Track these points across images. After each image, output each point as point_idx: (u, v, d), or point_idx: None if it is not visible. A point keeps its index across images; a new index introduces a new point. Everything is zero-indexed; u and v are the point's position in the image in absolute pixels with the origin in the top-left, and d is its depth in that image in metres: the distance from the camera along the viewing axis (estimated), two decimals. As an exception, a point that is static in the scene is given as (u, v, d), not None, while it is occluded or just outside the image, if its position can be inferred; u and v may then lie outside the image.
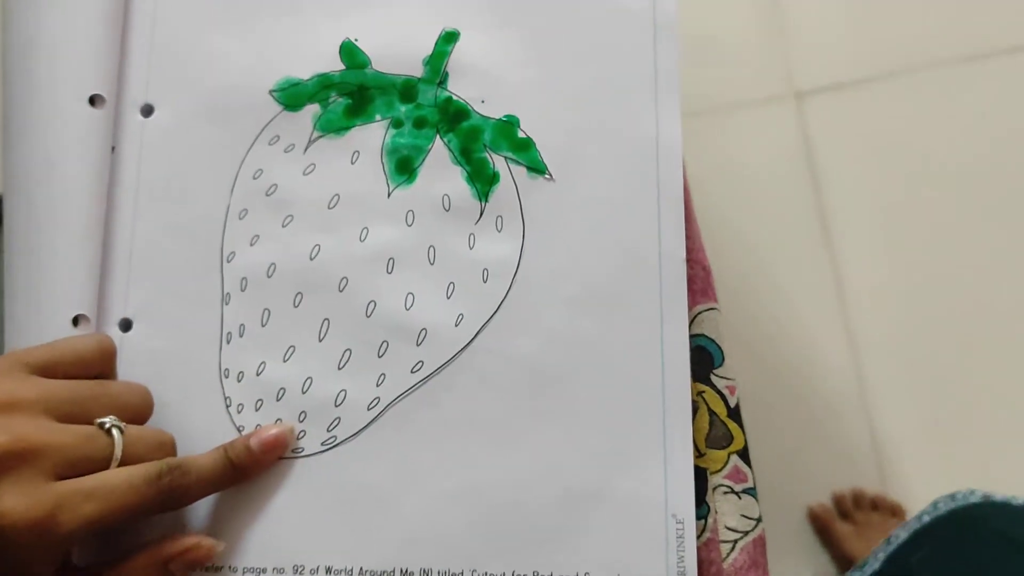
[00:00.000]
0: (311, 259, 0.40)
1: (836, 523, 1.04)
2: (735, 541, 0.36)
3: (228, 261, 0.40)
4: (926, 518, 0.59)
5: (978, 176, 1.07)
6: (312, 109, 0.41)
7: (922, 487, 1.03)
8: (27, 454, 0.29)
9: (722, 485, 0.36)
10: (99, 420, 0.33)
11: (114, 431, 0.32)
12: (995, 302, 1.05)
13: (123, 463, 0.32)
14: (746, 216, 1.06)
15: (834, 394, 1.06)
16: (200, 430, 0.39)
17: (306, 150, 0.41)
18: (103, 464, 0.32)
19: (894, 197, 1.08)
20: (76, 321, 0.39)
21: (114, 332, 0.40)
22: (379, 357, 0.38)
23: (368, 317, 0.39)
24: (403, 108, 0.41)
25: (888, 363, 1.06)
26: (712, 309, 0.38)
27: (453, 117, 0.40)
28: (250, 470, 0.36)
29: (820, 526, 1.05)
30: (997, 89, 1.08)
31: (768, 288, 1.05)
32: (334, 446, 0.38)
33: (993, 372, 1.04)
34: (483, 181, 0.40)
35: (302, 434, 0.38)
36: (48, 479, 0.30)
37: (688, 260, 0.37)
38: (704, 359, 0.37)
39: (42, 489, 0.29)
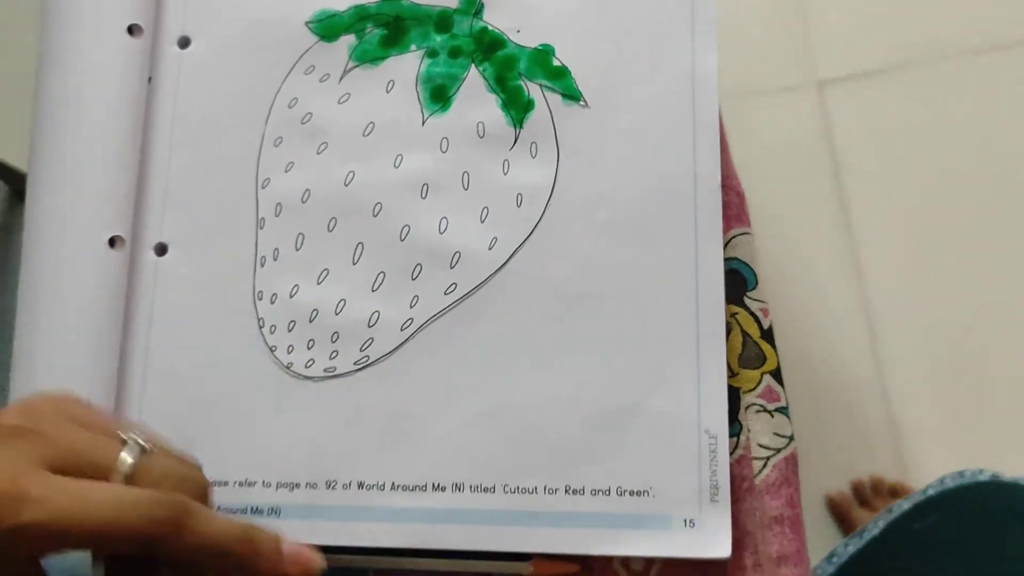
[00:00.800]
0: (345, 185, 0.40)
1: (855, 510, 1.04)
2: (767, 458, 0.35)
3: (263, 187, 0.41)
4: (931, 491, 0.59)
5: (1000, 165, 1.07)
6: (348, 40, 0.42)
7: (940, 473, 1.03)
8: (28, 434, 0.26)
9: (755, 404, 0.36)
10: (124, 434, 0.28)
11: (130, 443, 0.28)
12: (1016, 290, 1.04)
13: (132, 484, 0.27)
14: (766, 203, 1.06)
15: (852, 380, 1.06)
16: (233, 350, 0.39)
17: (341, 80, 0.41)
18: (104, 474, 0.27)
19: (915, 185, 1.08)
20: (112, 242, 0.40)
21: (149, 256, 0.41)
22: (412, 279, 0.39)
23: (402, 241, 0.39)
24: (438, 38, 0.41)
25: (907, 349, 1.05)
26: (746, 233, 0.38)
27: (488, 47, 0.41)
28: (260, 564, 0.29)
29: (839, 513, 1.04)
30: (1022, 79, 1.08)
31: (787, 274, 1.05)
32: (366, 366, 0.38)
33: (1014, 359, 1.03)
34: (518, 108, 0.40)
35: (335, 354, 0.38)
36: (37, 464, 0.26)
37: (722, 186, 0.38)
38: (738, 282, 0.37)
39: (21, 467, 0.25)
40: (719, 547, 0.34)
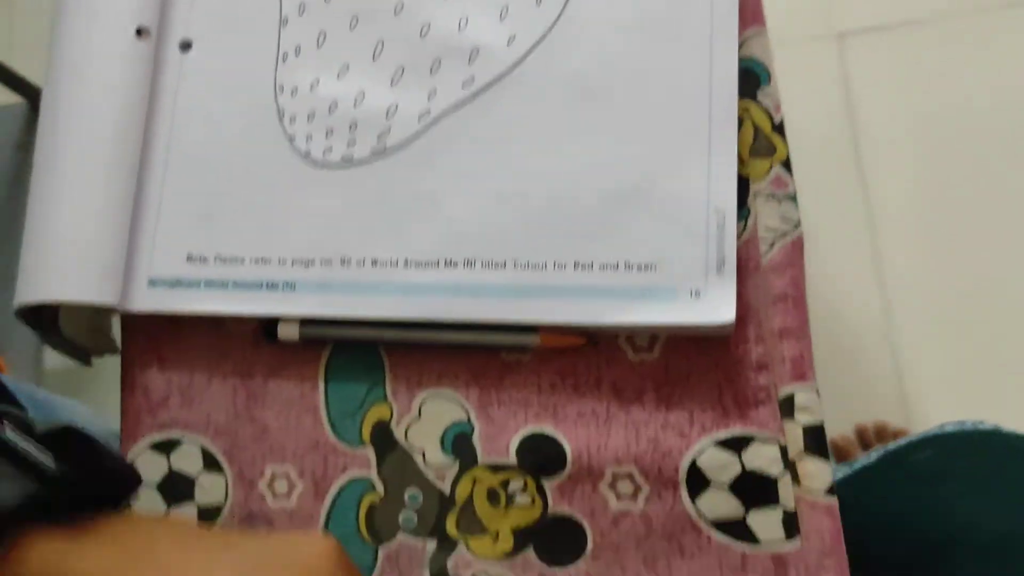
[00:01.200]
0: (367, -15, 0.41)
1: (858, 455, 1.04)
2: (773, 241, 0.36)
3: (287, -14, 0.42)
4: (931, 434, 0.58)
5: (1017, 122, 1.07)
6: None
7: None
8: None
9: (763, 191, 0.37)
10: None
11: None
12: (1013, 237, 1.04)
13: None
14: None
15: (861, 328, 1.06)
16: (253, 139, 0.40)
17: None
18: None
19: (931, 140, 1.07)
20: (139, 32, 0.41)
21: (173, 52, 0.42)
22: (431, 74, 0.39)
23: (422, 38, 0.40)
24: None
25: (916, 300, 1.05)
26: (761, 34, 0.39)
27: None
28: None
29: (842, 457, 1.04)
30: None
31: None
32: (383, 154, 0.39)
33: (1021, 315, 1.03)
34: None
35: (352, 143, 0.39)
36: None
37: None
38: (751, 79, 0.38)
39: None
40: (723, 314, 0.34)
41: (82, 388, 1.13)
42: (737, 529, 0.34)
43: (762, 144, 0.37)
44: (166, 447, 0.40)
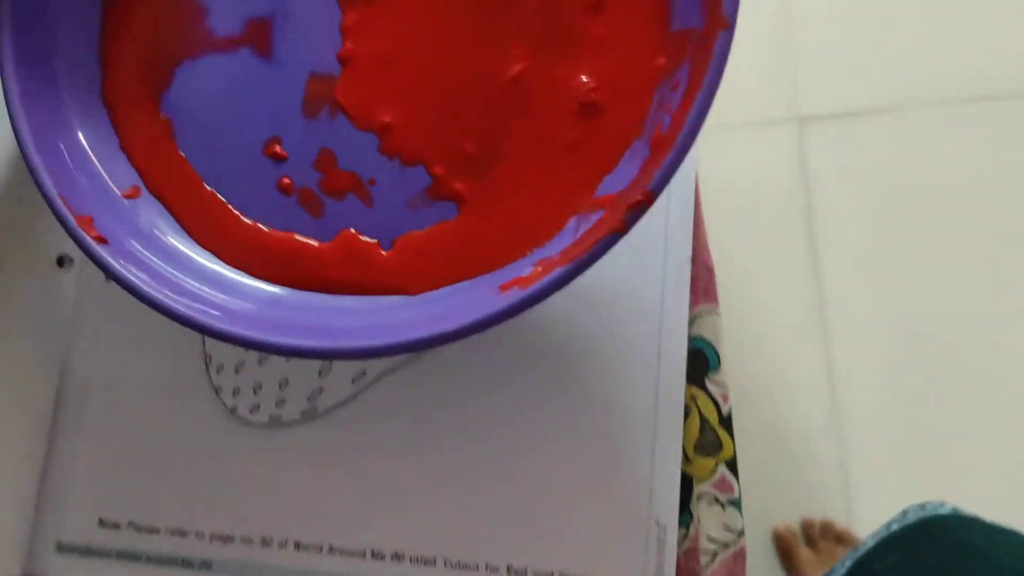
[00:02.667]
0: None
1: (800, 548, 1.04)
2: (715, 552, 0.35)
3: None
4: (895, 526, 0.59)
5: (969, 216, 1.07)
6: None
7: (883, 519, 1.04)
8: None
9: (707, 494, 0.35)
10: None
11: None
12: (976, 338, 1.05)
13: None
14: (736, 234, 1.05)
15: (809, 417, 1.06)
16: (176, 386, 0.38)
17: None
18: None
19: (884, 229, 1.08)
20: (61, 261, 0.38)
21: (99, 277, 0.39)
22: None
23: None
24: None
25: (864, 390, 1.06)
26: (712, 311, 0.37)
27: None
28: None
29: (783, 547, 1.04)
30: (1001, 132, 1.08)
31: (751, 307, 1.05)
32: (314, 416, 0.37)
33: (969, 409, 1.04)
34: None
35: (281, 402, 0.37)
36: None
37: (692, 260, 0.37)
38: (699, 362, 0.37)
39: None
40: (659, 642, 0.33)
41: None
42: None
43: (708, 439, 0.36)
44: None
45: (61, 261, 0.38)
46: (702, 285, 0.37)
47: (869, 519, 1.06)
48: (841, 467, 1.05)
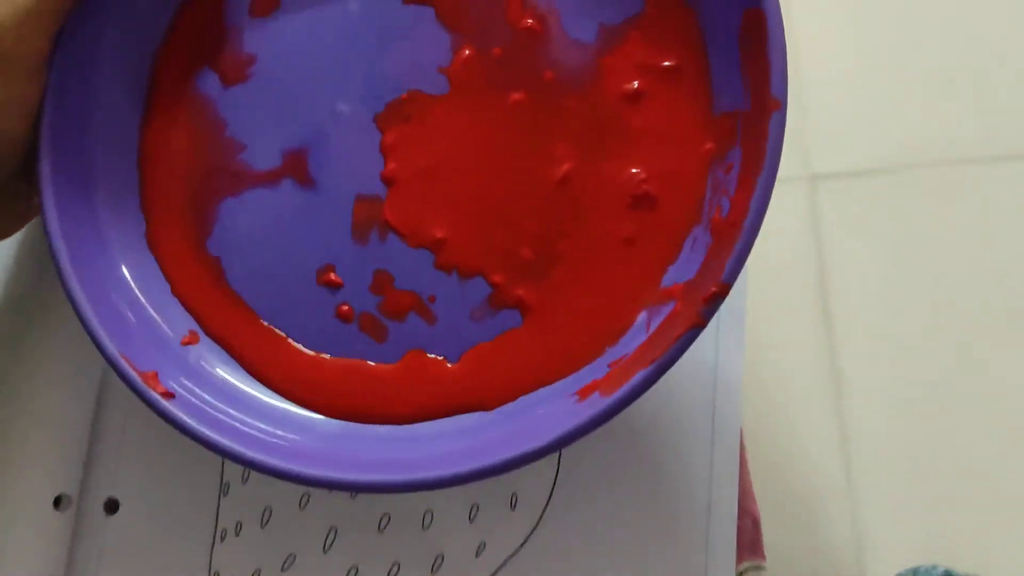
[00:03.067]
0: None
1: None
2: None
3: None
4: None
5: (984, 277, 1.05)
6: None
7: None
8: None
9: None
10: None
11: None
12: (994, 400, 1.03)
13: None
14: (750, 292, 1.03)
15: (820, 483, 1.03)
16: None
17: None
18: None
19: (899, 289, 1.06)
20: (58, 502, 0.36)
21: (98, 514, 0.37)
22: (387, 581, 0.36)
23: (380, 532, 0.36)
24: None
25: (878, 458, 1.03)
26: (759, 568, 0.36)
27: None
28: None
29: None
30: (1015, 192, 1.07)
31: (762, 368, 1.03)
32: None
33: (988, 474, 1.01)
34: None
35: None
36: None
37: (738, 512, 0.36)
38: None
39: None
40: None
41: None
42: None
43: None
44: None
45: (58, 502, 0.36)
46: (747, 539, 0.36)
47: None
48: (855, 533, 1.03)
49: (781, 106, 0.28)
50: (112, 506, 0.37)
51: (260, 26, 0.34)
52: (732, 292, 0.30)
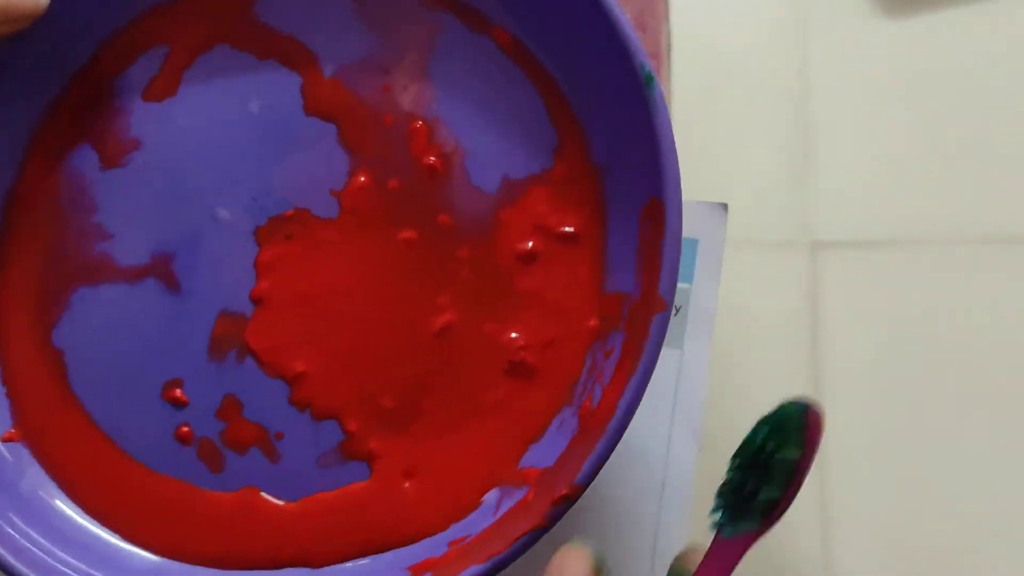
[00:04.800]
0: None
1: None
2: None
3: None
4: None
5: (984, 363, 1.04)
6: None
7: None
8: None
9: None
10: None
11: None
12: (979, 493, 1.01)
13: None
14: (740, 358, 1.01)
15: (798, 555, 1.01)
16: None
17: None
18: None
19: (893, 366, 1.05)
20: None
21: None
22: None
23: None
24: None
25: (860, 540, 1.02)
26: None
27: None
28: None
29: None
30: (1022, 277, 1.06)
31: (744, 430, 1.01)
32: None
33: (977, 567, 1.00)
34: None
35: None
36: None
37: None
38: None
39: None
40: None
41: None
42: None
43: None
44: None
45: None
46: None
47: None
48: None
49: (666, 307, 0.27)
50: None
51: (151, 112, 0.32)
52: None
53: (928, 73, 1.04)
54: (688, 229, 0.36)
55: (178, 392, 0.31)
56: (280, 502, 0.30)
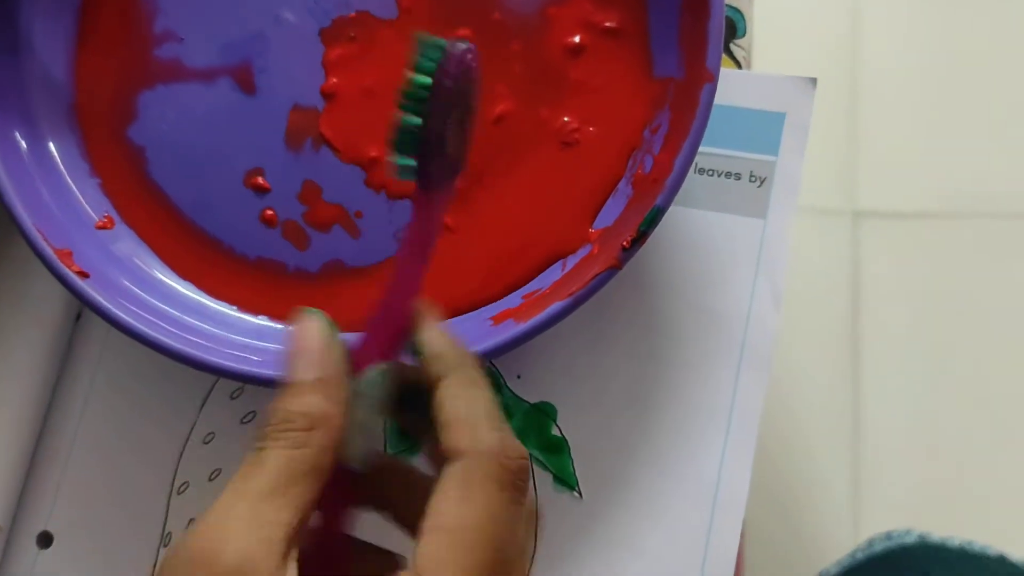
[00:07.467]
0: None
1: None
2: None
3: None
4: (859, 555, 0.57)
5: (1020, 333, 1.01)
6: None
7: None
8: None
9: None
10: None
11: None
12: (1015, 460, 0.98)
13: None
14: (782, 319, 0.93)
15: (828, 523, 0.98)
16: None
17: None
18: None
19: (931, 337, 1.01)
20: None
21: (29, 547, 0.35)
22: None
23: None
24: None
25: (892, 507, 0.98)
26: None
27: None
28: None
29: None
30: None
31: (785, 406, 0.97)
32: None
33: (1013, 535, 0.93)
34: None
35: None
36: None
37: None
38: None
39: None
40: None
41: None
42: None
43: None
44: None
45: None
46: None
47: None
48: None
49: (714, 79, 0.31)
50: (45, 540, 0.35)
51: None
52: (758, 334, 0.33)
53: (977, 51, 0.99)
54: (775, 103, 0.38)
55: (260, 179, 0.33)
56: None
